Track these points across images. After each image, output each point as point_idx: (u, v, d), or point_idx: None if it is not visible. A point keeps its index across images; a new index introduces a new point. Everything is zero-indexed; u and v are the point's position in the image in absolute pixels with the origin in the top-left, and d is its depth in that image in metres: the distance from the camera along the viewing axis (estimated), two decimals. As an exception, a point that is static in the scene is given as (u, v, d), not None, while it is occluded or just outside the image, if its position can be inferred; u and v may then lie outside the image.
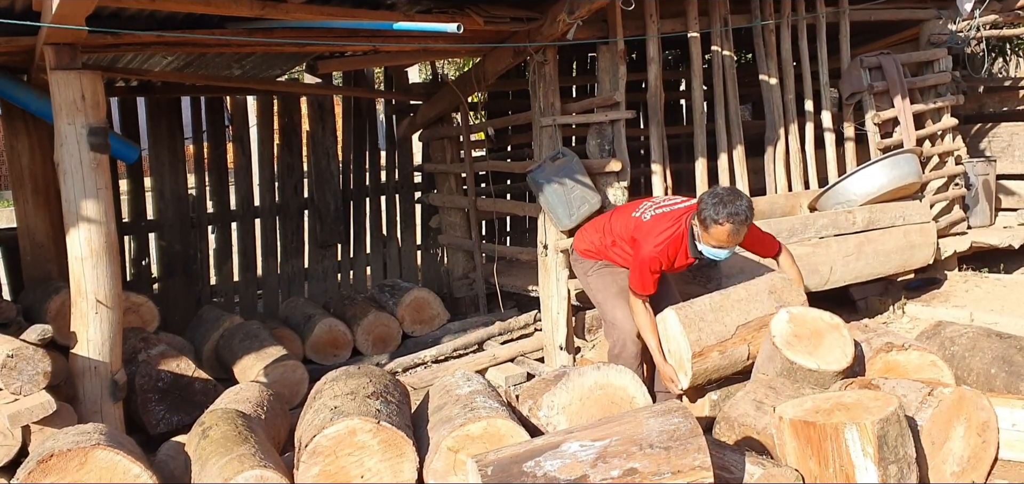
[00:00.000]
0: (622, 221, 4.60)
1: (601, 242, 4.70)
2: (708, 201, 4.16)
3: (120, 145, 5.62)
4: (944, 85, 6.93)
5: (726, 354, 4.14)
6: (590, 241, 4.79)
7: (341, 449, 3.13)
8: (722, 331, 4.13)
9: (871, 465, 3.06)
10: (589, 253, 4.78)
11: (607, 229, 4.69)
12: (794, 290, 4.34)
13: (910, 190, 6.13)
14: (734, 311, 4.21)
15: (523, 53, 5.50)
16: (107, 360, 4.16)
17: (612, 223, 4.69)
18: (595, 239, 4.75)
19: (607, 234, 4.67)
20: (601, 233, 4.72)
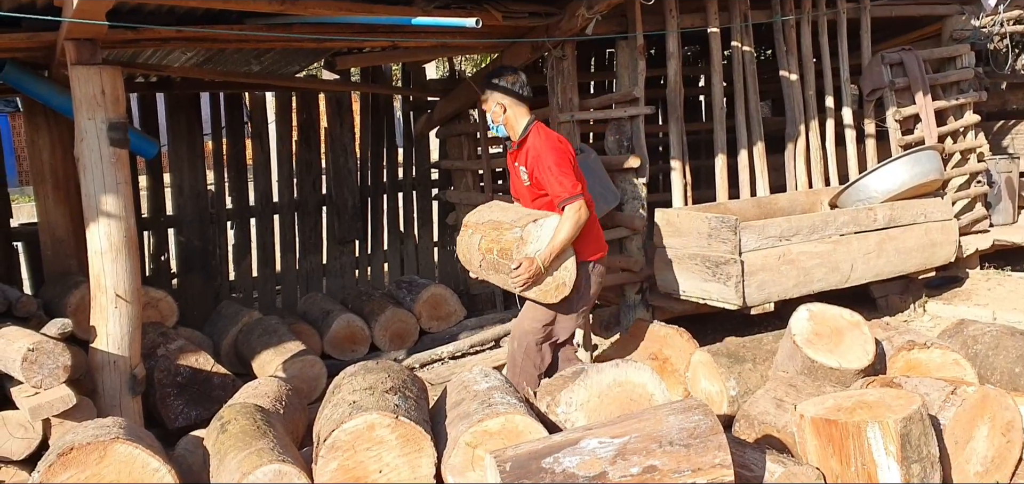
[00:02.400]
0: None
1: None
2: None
3: (140, 141, 5.64)
4: (967, 81, 6.86)
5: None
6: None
7: (359, 444, 3.12)
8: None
9: (894, 464, 3.03)
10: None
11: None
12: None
13: (931, 187, 6.07)
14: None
15: (541, 48, 5.48)
16: (126, 354, 4.18)
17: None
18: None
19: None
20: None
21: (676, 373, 4.57)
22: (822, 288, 5.42)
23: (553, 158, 4.04)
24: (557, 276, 4.12)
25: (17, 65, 4.95)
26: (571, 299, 4.14)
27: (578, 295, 4.16)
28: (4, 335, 4.04)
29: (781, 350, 4.17)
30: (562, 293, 4.12)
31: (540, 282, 4.08)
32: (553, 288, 4.13)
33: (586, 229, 4.10)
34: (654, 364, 4.59)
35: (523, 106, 4.23)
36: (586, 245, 4.15)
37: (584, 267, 4.16)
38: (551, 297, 4.13)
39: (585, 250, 4.15)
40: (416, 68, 7.56)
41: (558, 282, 4.12)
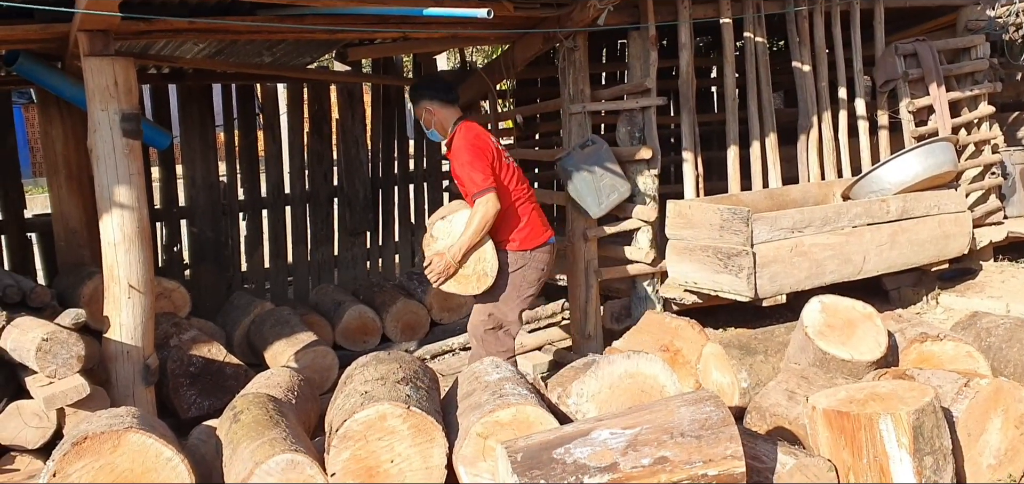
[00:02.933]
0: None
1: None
2: None
3: (152, 132, 5.66)
4: (981, 72, 6.81)
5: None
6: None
7: (371, 434, 3.13)
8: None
9: (906, 456, 3.02)
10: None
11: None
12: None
13: (945, 179, 6.03)
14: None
15: (553, 39, 5.47)
16: (139, 345, 4.20)
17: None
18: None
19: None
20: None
21: (688, 365, 4.56)
22: (834, 280, 5.40)
23: (467, 155, 4.19)
24: (475, 268, 4.26)
25: (31, 56, 4.97)
26: (498, 287, 4.27)
27: (509, 282, 4.28)
28: (19, 325, 4.07)
29: (793, 342, 4.16)
30: (484, 284, 4.26)
31: (455, 275, 4.24)
32: (474, 280, 4.27)
33: (515, 218, 4.28)
34: (665, 356, 4.58)
35: (449, 109, 4.42)
36: (516, 234, 4.30)
37: (518, 255, 4.29)
38: (472, 288, 4.29)
39: (515, 239, 4.29)
40: (427, 59, 7.55)
41: (478, 273, 4.26)
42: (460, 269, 4.23)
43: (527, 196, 4.41)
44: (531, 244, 4.33)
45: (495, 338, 4.37)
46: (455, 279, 4.26)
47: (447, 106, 4.42)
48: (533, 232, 4.35)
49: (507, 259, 4.29)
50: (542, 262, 4.38)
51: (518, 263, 4.31)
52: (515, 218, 4.31)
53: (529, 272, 4.34)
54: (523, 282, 4.34)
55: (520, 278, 4.33)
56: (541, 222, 4.43)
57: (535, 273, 4.36)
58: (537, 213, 4.44)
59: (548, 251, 4.43)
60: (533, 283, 4.38)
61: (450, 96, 4.44)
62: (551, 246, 4.46)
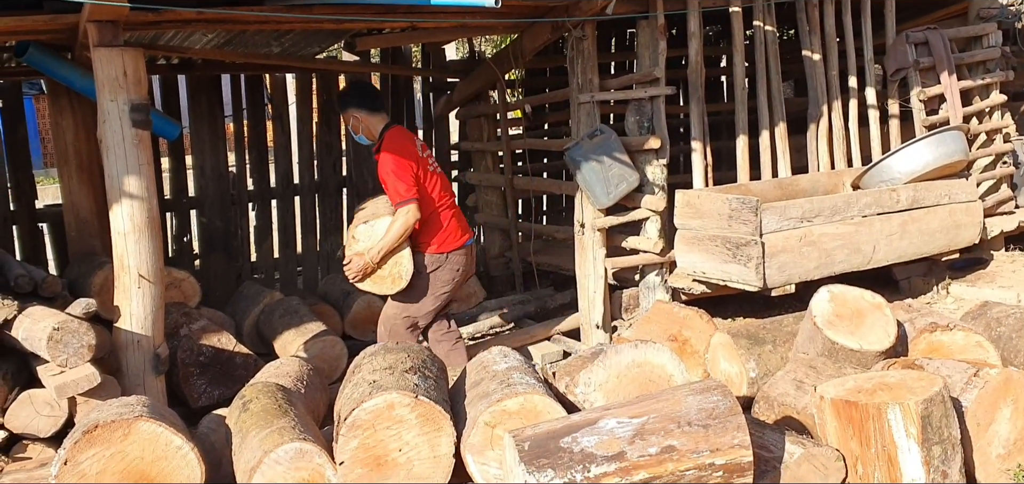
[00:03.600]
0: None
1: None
2: None
3: (162, 122, 5.68)
4: (993, 61, 6.76)
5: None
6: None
7: (379, 423, 3.14)
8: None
9: (914, 446, 3.01)
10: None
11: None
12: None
13: (956, 168, 6.01)
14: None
15: (561, 29, 5.46)
16: (149, 334, 4.22)
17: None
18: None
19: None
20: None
21: (696, 354, 4.56)
22: (844, 270, 5.39)
23: (391, 166, 4.50)
24: (392, 270, 4.56)
25: (40, 47, 4.99)
26: (415, 287, 4.58)
27: (425, 283, 4.59)
28: (30, 315, 4.10)
29: (801, 332, 4.16)
30: (398, 285, 4.58)
31: (372, 275, 4.56)
32: (389, 281, 4.58)
33: (436, 224, 4.59)
34: (673, 345, 4.58)
35: (376, 116, 4.72)
36: (435, 239, 4.60)
37: (435, 258, 4.60)
38: (387, 288, 4.62)
39: (434, 243, 4.60)
40: (436, 49, 7.54)
41: (393, 275, 4.56)
42: (377, 270, 4.56)
43: (449, 203, 4.73)
44: (448, 247, 4.63)
45: (409, 334, 4.69)
46: (372, 279, 4.58)
47: (373, 114, 4.72)
48: (451, 236, 4.65)
49: (424, 261, 4.60)
50: (457, 264, 4.67)
51: (434, 265, 4.62)
52: (436, 224, 4.62)
53: (444, 273, 4.64)
54: (438, 282, 4.64)
55: (436, 278, 4.64)
56: (459, 227, 4.73)
57: (449, 274, 4.65)
58: (457, 218, 4.74)
59: (464, 254, 4.71)
60: (448, 283, 4.67)
61: (376, 104, 4.76)
62: (467, 248, 4.74)
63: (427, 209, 4.56)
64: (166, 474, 3.10)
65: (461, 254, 4.69)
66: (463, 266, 4.71)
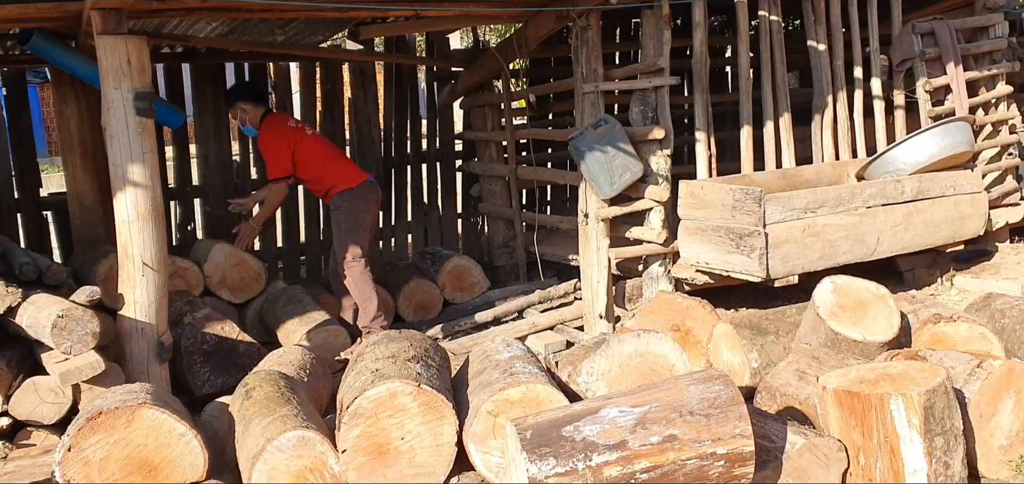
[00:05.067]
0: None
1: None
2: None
3: (165, 111, 5.68)
4: (1000, 52, 6.72)
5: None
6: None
7: (382, 411, 3.15)
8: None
9: (917, 437, 3.01)
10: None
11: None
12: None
13: (961, 159, 5.98)
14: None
15: (566, 18, 5.44)
16: (153, 322, 4.23)
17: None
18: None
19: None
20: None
21: (698, 344, 4.56)
22: (847, 261, 5.37)
23: (267, 149, 5.42)
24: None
25: (44, 35, 4.99)
26: (345, 225, 5.33)
27: (348, 214, 5.33)
28: (35, 302, 4.11)
29: (804, 322, 4.16)
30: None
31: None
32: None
33: (334, 168, 5.40)
34: (676, 335, 4.58)
35: (258, 107, 5.54)
36: (338, 179, 5.37)
37: (346, 193, 5.34)
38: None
39: (340, 183, 5.37)
40: (440, 38, 7.53)
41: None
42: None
43: (336, 155, 5.62)
44: (354, 182, 5.37)
45: (367, 273, 5.33)
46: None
47: (256, 105, 5.53)
48: (352, 174, 5.42)
49: (342, 198, 5.35)
50: (367, 196, 5.40)
51: (350, 198, 5.34)
52: (333, 170, 5.42)
53: (359, 202, 5.35)
54: (359, 211, 5.34)
55: (356, 209, 5.33)
56: (355, 169, 5.53)
57: (365, 203, 5.37)
58: (350, 164, 5.62)
59: (370, 187, 5.47)
60: (367, 213, 5.40)
61: (259, 97, 5.62)
62: (370, 184, 5.50)
63: (316, 164, 5.40)
64: (169, 461, 3.11)
65: (367, 187, 5.44)
66: (373, 197, 5.48)
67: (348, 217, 5.32)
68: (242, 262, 5.63)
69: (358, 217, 5.33)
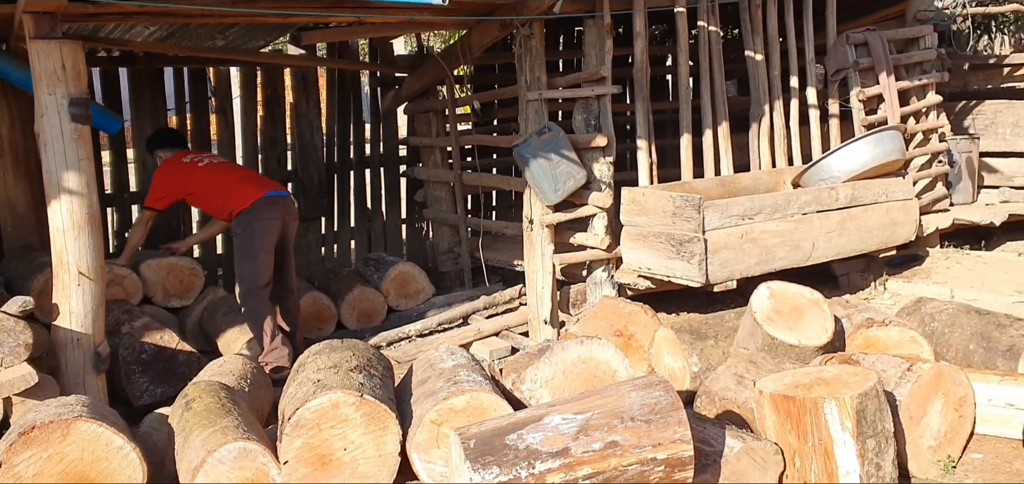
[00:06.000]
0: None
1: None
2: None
3: (102, 116, 5.57)
4: (929, 62, 6.96)
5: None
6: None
7: (324, 422, 3.14)
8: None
9: (849, 439, 3.10)
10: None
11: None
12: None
13: (894, 167, 6.17)
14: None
15: (509, 26, 5.48)
16: (90, 332, 4.14)
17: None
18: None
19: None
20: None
21: (641, 349, 4.63)
22: (784, 266, 5.50)
23: (154, 180, 5.36)
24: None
25: (-26, 39, 4.86)
26: (243, 250, 5.08)
27: (248, 242, 5.05)
28: (-37, 313, 3.99)
29: (742, 327, 4.24)
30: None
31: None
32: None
33: (231, 193, 5.18)
34: (619, 340, 4.65)
35: (173, 150, 5.52)
36: (235, 203, 5.14)
37: (242, 215, 5.08)
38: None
39: (236, 207, 5.13)
40: (384, 43, 7.50)
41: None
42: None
43: (238, 177, 5.38)
44: (249, 201, 5.10)
45: (265, 293, 5.03)
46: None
47: (173, 149, 5.54)
48: (249, 193, 5.14)
49: (238, 223, 5.09)
50: (263, 214, 5.08)
51: (243, 221, 5.07)
52: (234, 191, 5.18)
53: (256, 223, 5.05)
54: (256, 233, 5.04)
55: (254, 230, 5.04)
56: (256, 187, 5.23)
57: (262, 222, 5.06)
58: (251, 182, 5.32)
59: (268, 203, 5.13)
60: (267, 233, 5.06)
61: (176, 142, 5.64)
62: (270, 199, 5.15)
63: (216, 192, 5.25)
64: (107, 475, 3.05)
65: (265, 203, 5.11)
66: (273, 213, 5.12)
67: (244, 241, 5.05)
68: (174, 267, 5.59)
69: (254, 240, 5.03)
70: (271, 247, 5.07)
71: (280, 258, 5.20)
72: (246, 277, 5.00)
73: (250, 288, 4.98)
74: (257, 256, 5.00)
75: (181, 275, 5.60)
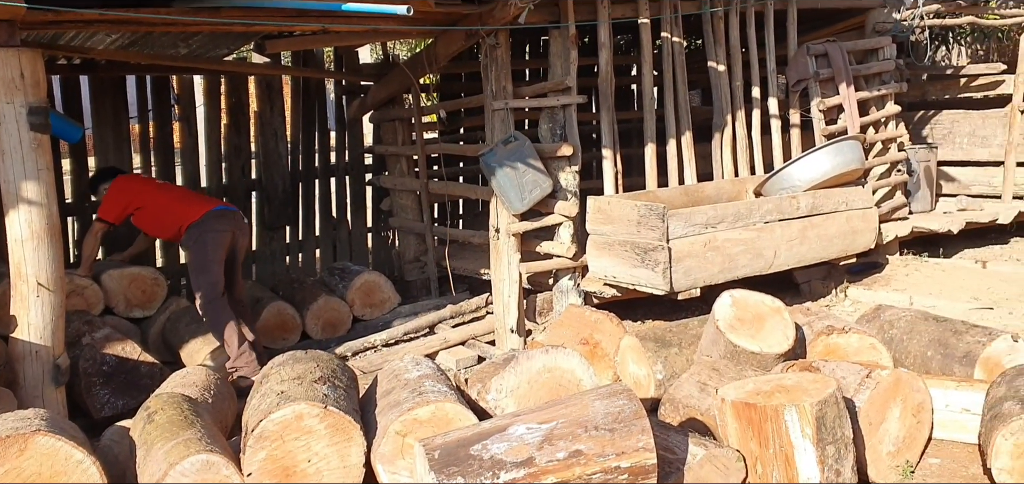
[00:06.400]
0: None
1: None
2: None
3: (62, 125, 5.49)
4: (888, 73, 7.09)
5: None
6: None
7: (288, 434, 3.12)
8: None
9: (809, 446, 3.15)
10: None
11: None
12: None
13: (853, 176, 6.27)
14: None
15: (475, 36, 5.50)
16: (49, 344, 4.08)
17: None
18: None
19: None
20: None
21: (606, 357, 4.66)
22: (747, 274, 5.57)
23: (106, 197, 5.34)
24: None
25: (-70, 45, 4.77)
26: (196, 263, 5.14)
27: (198, 251, 5.12)
28: (-82, 325, 3.92)
29: (705, 335, 4.28)
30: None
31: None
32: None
33: (179, 210, 5.25)
34: (585, 349, 4.68)
35: (112, 179, 5.48)
36: (183, 218, 5.19)
37: (191, 230, 5.13)
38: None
39: (184, 223, 5.18)
40: (349, 52, 7.48)
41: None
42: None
43: (189, 193, 5.75)
44: (198, 215, 5.17)
45: (223, 302, 5.04)
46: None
47: (108, 180, 5.49)
48: (196, 209, 5.23)
49: (189, 236, 5.14)
50: (214, 227, 5.15)
51: (194, 233, 5.12)
52: (182, 207, 5.27)
53: (208, 235, 5.11)
54: (208, 245, 5.09)
55: (206, 242, 5.10)
56: (201, 203, 5.34)
57: (214, 234, 5.12)
58: (197, 201, 5.43)
59: (218, 217, 5.21)
60: (217, 245, 5.12)
61: (115, 173, 5.62)
62: (219, 213, 5.24)
63: (163, 211, 5.31)
64: (66, 490, 3.01)
65: (215, 216, 5.20)
66: (223, 226, 5.19)
67: (197, 254, 5.12)
68: (137, 277, 5.53)
69: (206, 251, 5.11)
70: (221, 258, 5.14)
71: (229, 272, 5.23)
72: (203, 288, 5.03)
73: (209, 298, 5.01)
74: (211, 267, 5.06)
75: (144, 285, 5.55)
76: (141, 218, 5.38)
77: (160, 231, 5.50)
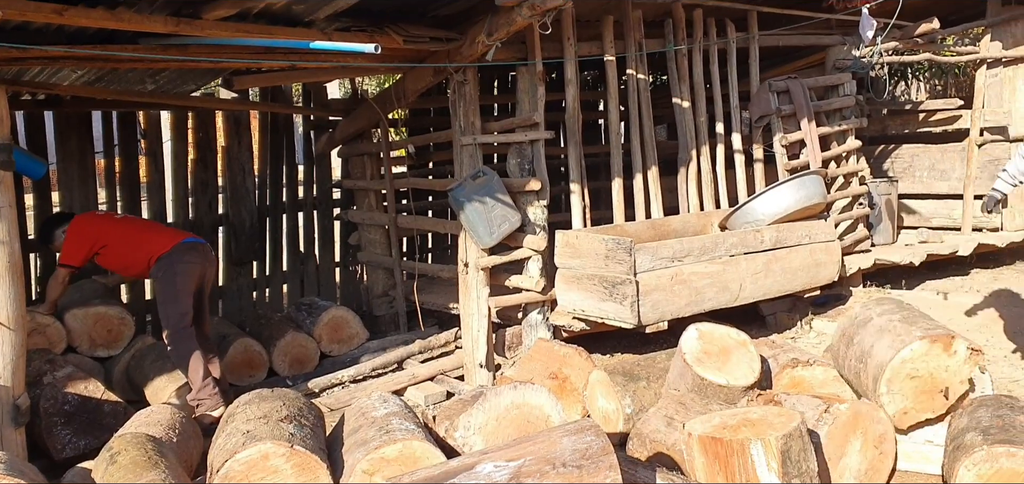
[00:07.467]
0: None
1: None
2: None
3: (25, 161, 5.43)
4: (849, 108, 7.23)
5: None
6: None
7: (254, 474, 3.10)
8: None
9: (775, 479, 3.17)
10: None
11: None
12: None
13: (816, 210, 6.37)
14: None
15: (443, 72, 5.54)
16: (8, 384, 4.02)
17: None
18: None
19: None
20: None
21: (575, 392, 4.67)
22: (713, 307, 5.62)
23: (67, 241, 5.24)
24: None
25: None
26: (164, 295, 5.11)
27: (167, 283, 5.11)
28: None
29: (673, 368, 4.31)
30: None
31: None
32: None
33: (147, 243, 5.23)
34: (554, 383, 4.68)
35: (67, 224, 5.37)
36: (153, 250, 5.18)
37: (161, 261, 5.12)
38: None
39: (154, 254, 5.16)
40: (317, 87, 7.50)
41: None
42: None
43: (155, 226, 5.80)
44: (167, 247, 5.17)
45: (189, 333, 5.03)
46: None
47: (66, 224, 5.38)
48: (165, 241, 5.24)
49: (158, 268, 5.13)
50: (183, 258, 5.16)
51: (163, 265, 5.12)
52: (149, 240, 5.26)
53: (178, 265, 5.12)
54: (176, 276, 5.10)
55: (174, 274, 5.10)
56: (170, 236, 5.36)
57: (183, 265, 5.13)
58: (164, 232, 5.48)
59: (188, 248, 5.23)
60: (187, 275, 5.13)
61: (67, 220, 5.44)
62: (188, 245, 5.25)
63: (130, 245, 5.27)
64: (26, 534, 2.96)
65: (184, 247, 5.21)
66: (193, 258, 5.20)
67: (165, 285, 5.09)
68: (102, 316, 5.44)
69: (175, 282, 5.09)
70: (191, 290, 5.14)
71: (196, 307, 5.22)
72: (171, 318, 5.01)
73: (176, 329, 5.00)
74: (179, 298, 5.05)
75: (109, 324, 5.47)
76: (106, 257, 5.28)
77: (127, 267, 5.37)
